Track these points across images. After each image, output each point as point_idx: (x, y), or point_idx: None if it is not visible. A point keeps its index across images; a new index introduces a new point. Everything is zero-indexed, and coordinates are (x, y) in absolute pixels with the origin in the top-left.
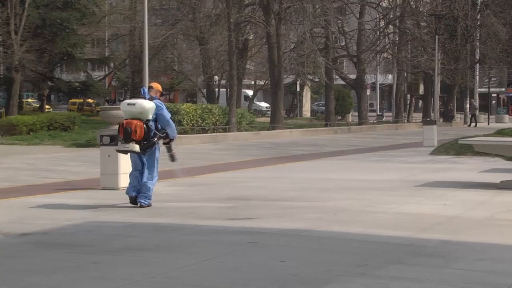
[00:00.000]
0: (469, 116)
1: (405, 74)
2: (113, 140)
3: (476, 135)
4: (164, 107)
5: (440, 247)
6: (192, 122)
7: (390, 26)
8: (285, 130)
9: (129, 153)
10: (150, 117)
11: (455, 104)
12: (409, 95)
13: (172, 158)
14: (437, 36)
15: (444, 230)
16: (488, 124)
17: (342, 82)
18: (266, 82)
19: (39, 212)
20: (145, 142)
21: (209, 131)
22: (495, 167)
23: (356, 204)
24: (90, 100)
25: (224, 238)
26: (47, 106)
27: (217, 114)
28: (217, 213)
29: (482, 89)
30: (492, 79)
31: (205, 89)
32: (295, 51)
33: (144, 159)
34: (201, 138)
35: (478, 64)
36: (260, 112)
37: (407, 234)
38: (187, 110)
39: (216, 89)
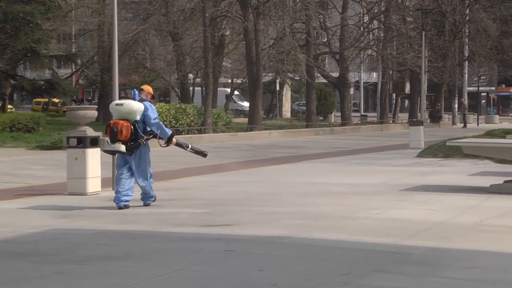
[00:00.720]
0: (458, 116)
1: (391, 72)
2: (80, 142)
3: (465, 137)
4: (150, 108)
5: (426, 255)
6: (165, 123)
7: (375, 22)
8: (263, 132)
9: (116, 154)
10: (138, 118)
11: (443, 103)
12: (394, 94)
13: (198, 152)
14: (424, 32)
15: (431, 236)
16: (478, 124)
17: (324, 81)
18: (244, 81)
19: (0, 219)
20: (132, 142)
21: (183, 133)
22: (484, 170)
23: (338, 209)
24: (55, 100)
25: (199, 246)
26: (9, 106)
27: (191, 114)
28: (192, 219)
29: (471, 88)
30: (482, 77)
31: (178, 88)
32: (275, 48)
33: (134, 164)
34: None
35: (467, 62)
36: (243, 113)
37: (392, 241)
38: (160, 110)
39: (191, 88)
